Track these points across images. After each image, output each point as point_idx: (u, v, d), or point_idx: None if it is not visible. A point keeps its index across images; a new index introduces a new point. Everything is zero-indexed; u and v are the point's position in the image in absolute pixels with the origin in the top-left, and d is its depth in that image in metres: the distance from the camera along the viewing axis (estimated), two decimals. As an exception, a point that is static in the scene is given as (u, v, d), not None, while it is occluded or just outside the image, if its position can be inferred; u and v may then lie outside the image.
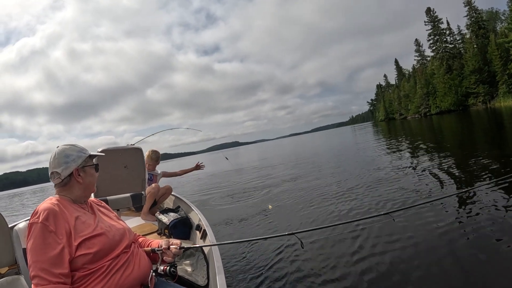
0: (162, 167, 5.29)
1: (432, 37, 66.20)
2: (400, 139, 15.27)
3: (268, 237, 3.76)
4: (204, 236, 2.85)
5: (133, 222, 4.05)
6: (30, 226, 1.31)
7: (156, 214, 3.59)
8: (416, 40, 75.67)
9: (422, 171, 6.40)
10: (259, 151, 39.20)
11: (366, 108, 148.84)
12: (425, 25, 66.98)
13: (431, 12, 66.20)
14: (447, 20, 64.31)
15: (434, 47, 66.09)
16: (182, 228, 3.33)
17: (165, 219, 3.41)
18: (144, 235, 2.07)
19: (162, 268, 1.60)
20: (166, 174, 5.28)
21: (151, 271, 1.61)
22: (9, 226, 2.15)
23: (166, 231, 3.34)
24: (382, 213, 2.04)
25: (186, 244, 1.83)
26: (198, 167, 5.47)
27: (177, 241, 1.68)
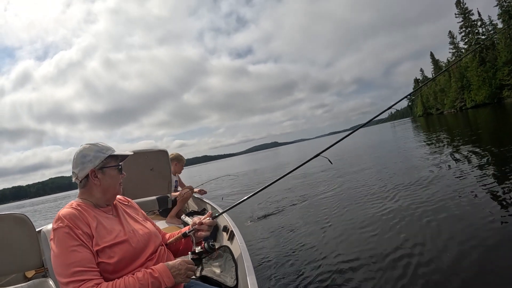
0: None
1: (463, 29, 63.56)
2: (440, 136, 14.52)
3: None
4: (231, 237, 2.75)
5: (159, 226, 4.02)
6: (54, 231, 1.28)
7: (182, 217, 3.54)
8: (450, 32, 71.96)
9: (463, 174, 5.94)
10: (299, 150, 38.72)
11: (405, 103, 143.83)
12: (456, 17, 64.44)
13: (461, 4, 63.61)
14: (478, 11, 61.49)
15: (466, 40, 63.34)
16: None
17: (191, 221, 3.35)
18: None
19: (200, 247, 1.53)
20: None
21: None
22: (37, 230, 2.16)
23: (193, 233, 3.27)
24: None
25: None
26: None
27: (208, 213, 1.68)
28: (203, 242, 1.54)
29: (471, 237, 2.83)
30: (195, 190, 4.54)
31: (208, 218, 1.64)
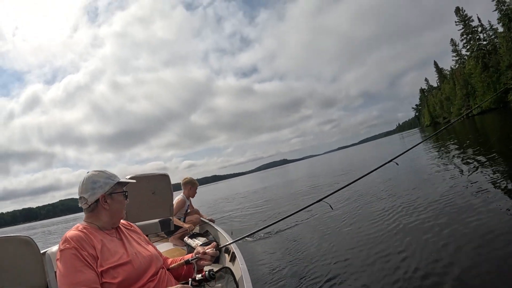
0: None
1: (464, 36, 63.70)
2: (448, 146, 14.27)
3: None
4: (233, 258, 2.75)
5: (162, 248, 4.05)
6: (60, 252, 1.34)
7: (185, 239, 3.56)
8: (452, 40, 72.28)
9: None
10: (308, 167, 38.39)
11: (412, 114, 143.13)
12: (456, 25, 64.80)
13: (460, 11, 64.06)
14: (478, 17, 61.75)
15: (468, 46, 63.41)
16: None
17: (194, 243, 3.40)
18: None
19: (200, 275, 1.56)
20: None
21: None
22: (42, 251, 2.20)
23: (196, 255, 3.28)
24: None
25: (215, 267, 1.81)
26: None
27: (212, 243, 1.74)
28: (204, 270, 1.58)
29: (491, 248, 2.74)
30: (206, 217, 4.55)
31: (212, 248, 1.69)
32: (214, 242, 1.77)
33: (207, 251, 1.68)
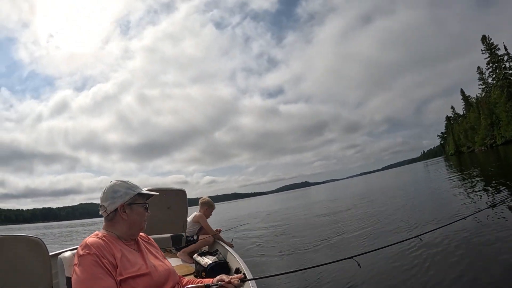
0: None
1: (490, 65, 62.50)
2: (472, 175, 13.75)
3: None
4: (243, 280, 2.75)
5: (171, 261, 4.04)
6: (80, 257, 1.34)
7: (194, 256, 3.57)
8: (479, 67, 70.47)
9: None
10: (329, 190, 37.85)
11: (437, 142, 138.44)
12: (482, 53, 63.76)
13: (487, 40, 63.08)
14: (504, 45, 60.54)
15: (494, 75, 62.08)
16: (220, 271, 3.20)
17: (203, 261, 3.38)
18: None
19: None
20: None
21: None
22: (51, 253, 2.25)
23: (204, 273, 3.27)
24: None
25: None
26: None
27: (239, 275, 1.69)
28: None
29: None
30: (225, 240, 4.55)
31: (237, 279, 1.63)
32: (241, 274, 1.73)
33: (232, 280, 1.62)
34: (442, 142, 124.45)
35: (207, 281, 1.68)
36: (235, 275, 1.69)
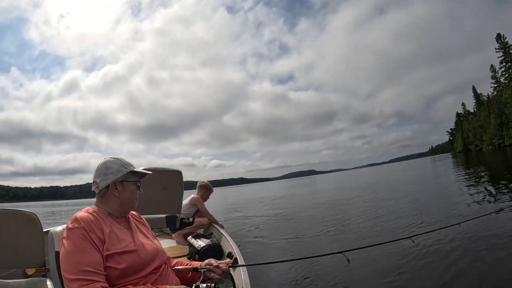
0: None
1: (504, 64, 61.30)
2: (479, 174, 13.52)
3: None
4: (235, 264, 2.71)
5: (164, 244, 4.01)
6: (68, 231, 1.34)
7: (188, 239, 3.54)
8: (492, 66, 69.30)
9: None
10: (336, 180, 37.81)
11: (446, 138, 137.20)
12: (496, 51, 62.46)
13: (501, 38, 61.72)
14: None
15: (506, 75, 60.90)
16: (213, 254, 3.21)
17: (197, 244, 3.37)
18: (174, 258, 2.03)
19: (205, 285, 1.50)
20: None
21: None
22: (45, 230, 2.22)
23: (197, 256, 3.27)
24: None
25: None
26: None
27: (228, 260, 1.72)
28: (210, 283, 1.53)
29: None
30: (217, 221, 4.52)
31: (226, 265, 1.64)
32: (230, 260, 1.72)
33: (220, 265, 1.63)
34: (451, 138, 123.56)
35: (196, 264, 1.69)
36: (225, 260, 1.69)
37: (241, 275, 1.99)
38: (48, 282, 2.01)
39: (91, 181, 1.57)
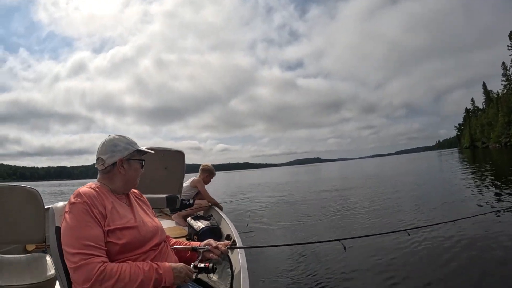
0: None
1: (516, 62, 60.04)
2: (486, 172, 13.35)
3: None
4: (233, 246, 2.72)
5: (164, 225, 4.02)
6: (71, 205, 1.35)
7: (187, 220, 3.55)
8: (503, 63, 68.25)
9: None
10: (341, 169, 37.87)
11: (454, 133, 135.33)
12: (509, 49, 61.11)
13: (515, 35, 60.28)
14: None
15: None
16: (212, 236, 3.20)
17: (196, 225, 3.39)
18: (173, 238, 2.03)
19: (203, 264, 1.52)
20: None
21: None
22: (46, 207, 2.22)
23: (196, 237, 3.29)
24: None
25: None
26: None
27: (227, 241, 1.73)
28: (208, 263, 1.54)
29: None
30: (216, 202, 4.52)
31: (225, 246, 1.66)
32: (229, 242, 1.73)
33: (219, 246, 1.64)
34: (459, 133, 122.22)
35: (195, 244, 1.70)
36: (223, 242, 1.71)
37: (238, 257, 2.00)
38: (48, 258, 2.04)
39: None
